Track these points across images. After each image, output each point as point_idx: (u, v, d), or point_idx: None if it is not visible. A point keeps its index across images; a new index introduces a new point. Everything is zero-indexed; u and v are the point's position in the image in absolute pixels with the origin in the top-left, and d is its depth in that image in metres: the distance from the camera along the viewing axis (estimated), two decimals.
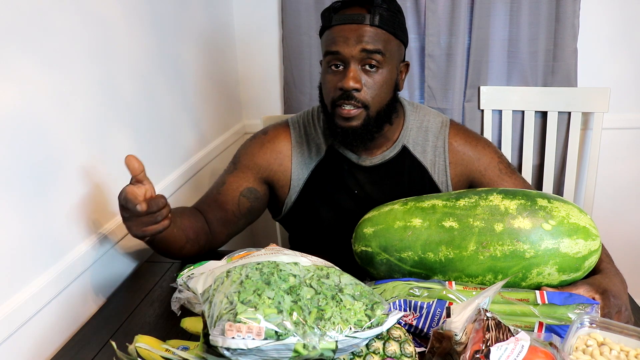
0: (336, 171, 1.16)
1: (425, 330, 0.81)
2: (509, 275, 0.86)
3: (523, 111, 1.83)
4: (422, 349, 0.77)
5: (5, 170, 0.84)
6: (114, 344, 0.74)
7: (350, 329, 0.64)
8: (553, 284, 0.88)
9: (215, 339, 0.60)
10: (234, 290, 0.64)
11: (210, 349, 0.65)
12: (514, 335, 0.65)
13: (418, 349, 0.77)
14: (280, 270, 0.69)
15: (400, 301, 0.83)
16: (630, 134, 1.89)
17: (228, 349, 0.60)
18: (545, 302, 0.80)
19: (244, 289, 0.64)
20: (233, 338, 0.59)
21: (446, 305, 0.80)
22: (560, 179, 1.87)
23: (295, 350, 0.61)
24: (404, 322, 0.82)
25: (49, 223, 0.94)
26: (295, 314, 0.62)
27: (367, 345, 0.69)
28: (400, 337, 0.71)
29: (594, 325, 0.75)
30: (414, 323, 0.82)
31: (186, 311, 0.75)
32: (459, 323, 0.68)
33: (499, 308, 0.80)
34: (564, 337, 0.73)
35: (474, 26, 1.79)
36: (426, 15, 1.79)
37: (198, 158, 1.58)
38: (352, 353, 0.69)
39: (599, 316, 0.78)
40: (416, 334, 0.83)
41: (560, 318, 0.78)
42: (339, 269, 0.75)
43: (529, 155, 1.85)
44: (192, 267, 0.78)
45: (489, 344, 0.63)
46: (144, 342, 0.73)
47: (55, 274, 0.93)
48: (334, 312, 0.65)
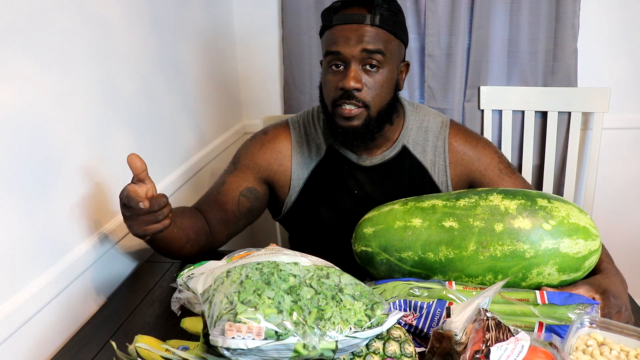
0: (336, 171, 1.16)
1: (425, 330, 0.81)
2: (509, 275, 0.86)
3: (523, 111, 1.83)
4: (422, 349, 0.77)
5: (5, 170, 0.84)
6: (114, 344, 0.74)
7: (350, 329, 0.64)
8: (553, 284, 0.88)
9: (215, 339, 0.60)
10: (234, 290, 0.64)
11: (210, 349, 0.65)
12: (514, 335, 0.65)
13: (418, 349, 0.77)
14: (280, 270, 0.69)
15: (400, 301, 0.83)
16: (630, 134, 1.89)
17: (228, 349, 0.60)
18: (545, 302, 0.80)
19: (244, 289, 0.64)
20: (233, 338, 0.59)
21: (446, 305, 0.80)
22: (560, 179, 1.87)
23: (295, 350, 0.61)
24: (404, 322, 0.82)
25: (49, 223, 0.94)
26: (295, 314, 0.62)
27: (367, 345, 0.69)
28: (400, 337, 0.71)
29: (594, 325, 0.75)
30: (414, 323, 0.82)
31: (186, 311, 0.75)
32: (459, 323, 0.68)
33: (499, 308, 0.80)
34: (564, 337, 0.73)
35: (474, 26, 1.79)
36: (426, 15, 1.79)
37: (198, 158, 1.58)
38: (352, 353, 0.69)
39: (599, 316, 0.78)
40: (416, 334, 0.83)
41: (560, 318, 0.78)
42: (339, 269, 0.75)
43: (529, 155, 1.85)
44: (192, 267, 0.78)
45: (489, 344, 0.63)
46: (144, 342, 0.72)
47: (55, 273, 0.93)
48: (334, 312, 0.65)
